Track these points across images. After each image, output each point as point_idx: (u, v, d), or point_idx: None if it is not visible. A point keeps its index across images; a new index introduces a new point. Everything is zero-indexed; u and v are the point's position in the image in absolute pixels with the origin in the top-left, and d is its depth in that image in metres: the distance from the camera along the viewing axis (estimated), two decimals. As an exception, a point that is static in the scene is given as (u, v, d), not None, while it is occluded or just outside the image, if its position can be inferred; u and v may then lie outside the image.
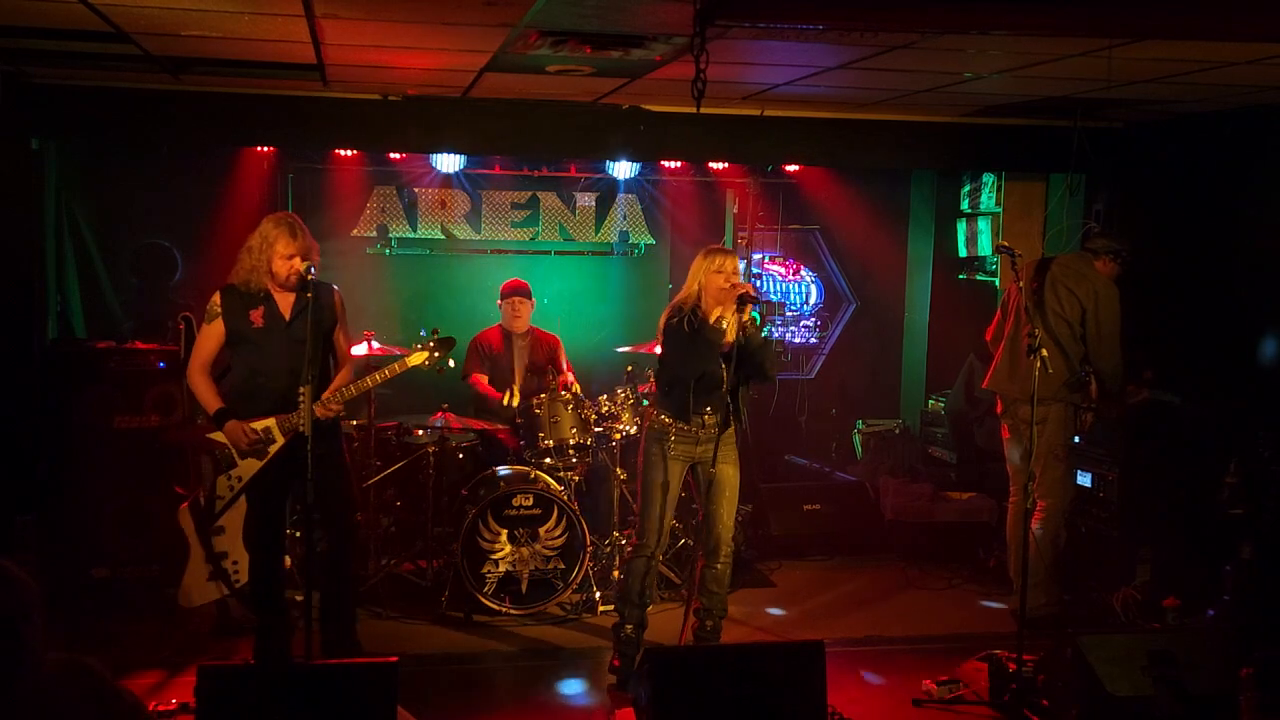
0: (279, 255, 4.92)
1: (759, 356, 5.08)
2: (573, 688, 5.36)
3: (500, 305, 7.11)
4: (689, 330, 5.06)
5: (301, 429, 4.69)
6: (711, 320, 5.05)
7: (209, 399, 5.04)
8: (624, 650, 5.28)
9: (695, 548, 5.63)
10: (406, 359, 5.15)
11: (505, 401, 6.73)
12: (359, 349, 6.45)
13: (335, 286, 5.26)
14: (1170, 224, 6.93)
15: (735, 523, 6.90)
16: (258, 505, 5.12)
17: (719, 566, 5.32)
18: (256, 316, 4.99)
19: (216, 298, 5.04)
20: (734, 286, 5.00)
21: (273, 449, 4.96)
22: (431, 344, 5.19)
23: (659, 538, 5.25)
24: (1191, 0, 4.01)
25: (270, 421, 4.96)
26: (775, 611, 6.40)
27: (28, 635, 2.57)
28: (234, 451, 5.00)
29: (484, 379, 7.01)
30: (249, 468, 5.00)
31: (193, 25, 4.72)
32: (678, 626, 5.48)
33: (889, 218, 8.91)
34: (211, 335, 5.04)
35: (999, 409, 6.28)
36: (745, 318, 4.94)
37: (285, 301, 5.04)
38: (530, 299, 7.06)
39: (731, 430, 5.24)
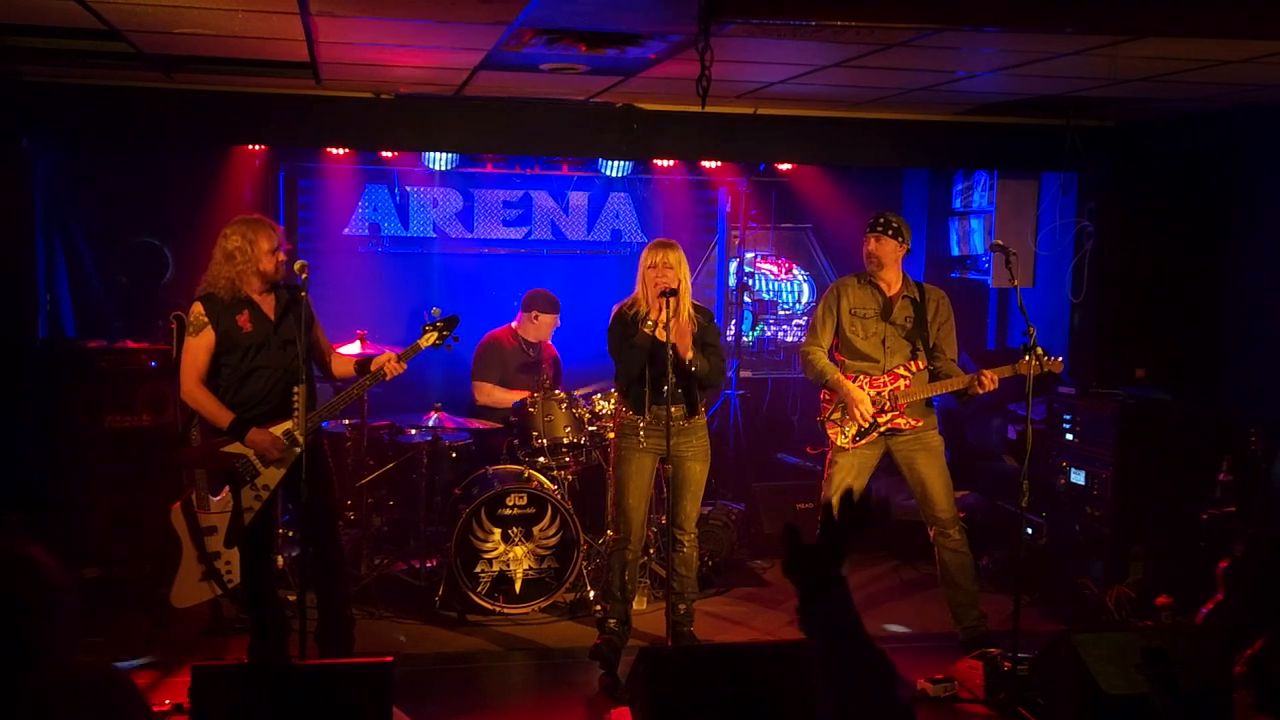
0: (264, 253, 4.90)
1: (696, 376, 5.22)
2: (567, 687, 5.35)
3: (528, 316, 7.14)
4: (620, 329, 5.31)
5: (305, 430, 4.71)
6: (653, 317, 5.18)
7: (217, 412, 4.89)
8: (608, 635, 5.39)
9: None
10: (419, 342, 5.14)
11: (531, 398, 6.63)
12: (351, 348, 6.44)
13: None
14: (1163, 222, 6.93)
15: (730, 521, 6.99)
16: (258, 509, 5.00)
17: (684, 550, 5.50)
18: (244, 321, 4.91)
19: (199, 308, 4.90)
20: (657, 283, 5.12)
21: (297, 451, 4.82)
22: (439, 325, 5.18)
23: (637, 530, 5.40)
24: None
25: (289, 425, 4.87)
26: (770, 611, 6.39)
27: (42, 634, 2.42)
28: (256, 461, 4.91)
29: (495, 389, 7.02)
30: (274, 475, 4.93)
31: (186, 23, 4.68)
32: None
33: (882, 216, 8.88)
34: (201, 346, 4.89)
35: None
36: (663, 316, 4.99)
37: (267, 304, 4.99)
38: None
39: (701, 421, 5.43)
